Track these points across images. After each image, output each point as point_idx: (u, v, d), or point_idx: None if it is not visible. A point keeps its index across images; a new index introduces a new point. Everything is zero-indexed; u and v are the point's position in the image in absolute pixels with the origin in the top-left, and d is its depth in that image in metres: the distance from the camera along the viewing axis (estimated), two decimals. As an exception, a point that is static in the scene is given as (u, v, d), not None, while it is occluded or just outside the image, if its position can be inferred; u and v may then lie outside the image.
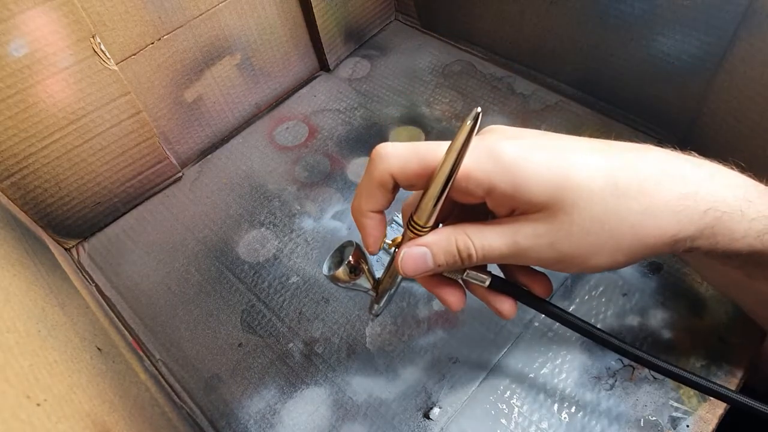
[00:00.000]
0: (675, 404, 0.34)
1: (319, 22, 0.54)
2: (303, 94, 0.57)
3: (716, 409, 0.33)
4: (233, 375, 0.38)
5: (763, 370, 0.36)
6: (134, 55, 0.44)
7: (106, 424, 0.25)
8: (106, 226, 0.48)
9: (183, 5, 0.45)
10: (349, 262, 0.30)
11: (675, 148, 0.27)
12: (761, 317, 0.34)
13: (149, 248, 0.46)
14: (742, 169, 0.27)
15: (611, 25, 0.45)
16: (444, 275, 0.29)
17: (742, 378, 0.34)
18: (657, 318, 0.37)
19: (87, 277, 0.45)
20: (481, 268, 0.29)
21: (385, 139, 0.51)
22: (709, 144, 0.44)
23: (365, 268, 0.31)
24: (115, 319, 0.42)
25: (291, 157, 0.51)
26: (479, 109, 0.23)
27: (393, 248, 0.29)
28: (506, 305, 0.29)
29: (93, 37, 0.39)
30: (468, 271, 0.28)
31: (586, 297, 0.39)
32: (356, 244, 0.31)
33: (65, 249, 0.47)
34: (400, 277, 0.31)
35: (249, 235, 0.46)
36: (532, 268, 0.30)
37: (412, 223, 0.27)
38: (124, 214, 0.49)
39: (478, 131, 0.24)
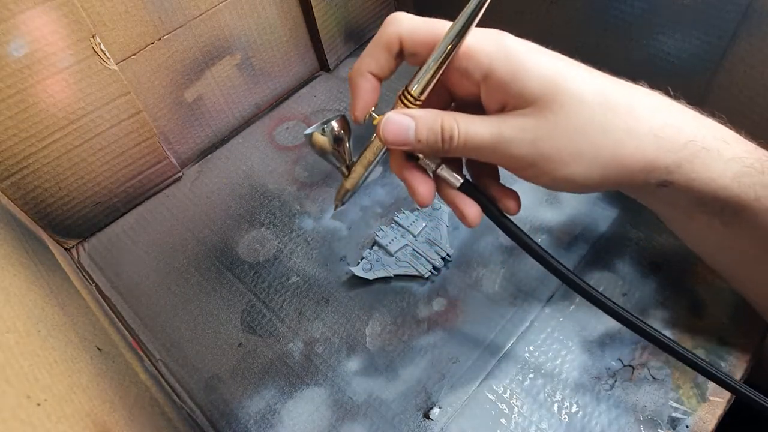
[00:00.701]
0: (674, 404, 0.34)
1: (319, 22, 0.54)
2: (303, 94, 0.57)
3: (715, 410, 0.33)
4: (233, 375, 0.38)
5: (766, 368, 0.36)
6: (134, 55, 0.44)
7: (107, 424, 0.26)
8: (106, 226, 0.48)
9: (183, 5, 0.45)
10: (332, 128, 0.29)
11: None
12: (742, 282, 0.33)
13: (149, 248, 0.46)
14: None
15: (611, 25, 0.45)
16: (419, 164, 0.29)
17: (742, 378, 0.34)
18: (657, 318, 0.37)
19: (87, 277, 0.45)
20: (456, 167, 0.29)
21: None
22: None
23: (346, 143, 0.30)
24: (115, 319, 0.42)
25: (291, 157, 0.51)
26: None
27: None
28: (472, 210, 0.29)
29: (93, 37, 0.39)
30: (443, 165, 0.28)
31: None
32: (344, 116, 0.30)
33: (65, 249, 0.47)
34: (378, 155, 0.30)
35: (249, 235, 0.46)
36: (500, 182, 0.30)
37: (405, 93, 0.26)
38: (124, 214, 0.49)
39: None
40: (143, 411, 0.32)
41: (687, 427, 0.33)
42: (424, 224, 0.44)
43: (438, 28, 0.26)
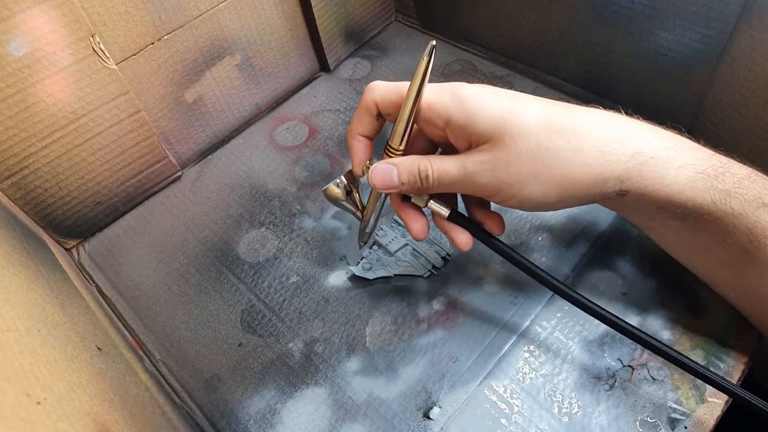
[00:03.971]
0: (673, 405, 0.34)
1: (319, 22, 0.54)
2: (303, 95, 0.57)
3: (714, 411, 0.33)
4: (233, 375, 0.38)
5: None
6: (134, 55, 0.44)
7: (106, 424, 0.26)
8: (106, 226, 0.48)
9: (183, 5, 0.45)
10: (342, 180, 0.35)
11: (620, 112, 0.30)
12: (722, 287, 0.34)
13: (149, 248, 0.46)
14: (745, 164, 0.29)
15: (611, 21, 0.45)
16: (412, 203, 0.34)
17: (740, 379, 0.34)
18: (657, 318, 0.37)
19: (87, 277, 0.45)
20: (445, 201, 0.33)
21: (385, 140, 0.51)
22: (712, 138, 0.43)
23: (355, 192, 0.36)
24: (116, 318, 0.42)
25: (291, 157, 0.51)
26: (434, 42, 0.28)
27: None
28: (463, 237, 0.33)
29: (93, 36, 0.39)
30: (432, 200, 0.33)
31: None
32: (350, 171, 0.35)
33: (65, 249, 0.47)
34: (380, 199, 0.35)
35: (249, 235, 0.46)
36: (488, 209, 0.34)
37: (387, 146, 0.32)
38: (124, 214, 0.49)
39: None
40: (143, 411, 0.32)
41: (686, 427, 0.33)
42: (424, 224, 0.44)
43: (403, 89, 0.30)
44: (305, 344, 0.39)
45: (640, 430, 0.33)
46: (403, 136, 0.31)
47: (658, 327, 0.37)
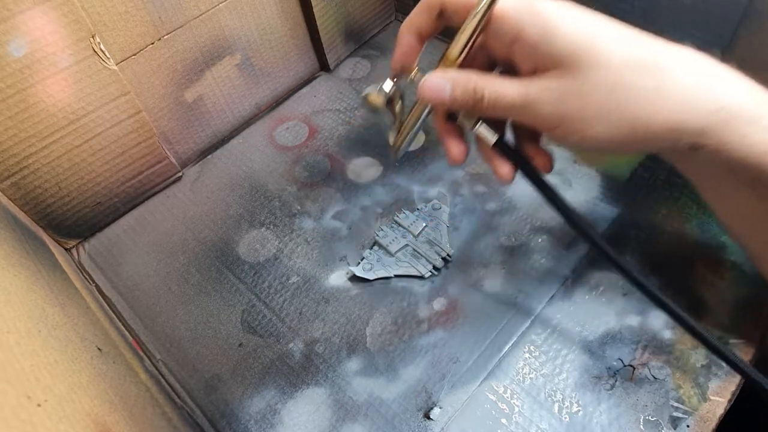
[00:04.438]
0: (675, 404, 0.34)
1: (319, 22, 0.54)
2: (303, 94, 0.57)
3: (716, 409, 0.33)
4: (233, 375, 0.38)
5: None
6: (134, 55, 0.44)
7: (107, 425, 0.25)
8: (106, 226, 0.48)
9: (183, 5, 0.45)
10: (385, 88, 0.32)
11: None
12: None
13: (149, 248, 0.46)
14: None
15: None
16: (458, 123, 0.31)
17: (742, 379, 0.34)
18: (657, 318, 0.37)
19: (87, 277, 0.45)
20: (494, 126, 0.30)
21: (385, 140, 0.51)
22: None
23: (396, 103, 0.32)
24: (116, 319, 0.42)
25: (291, 157, 0.51)
26: None
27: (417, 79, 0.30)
28: (505, 169, 0.30)
29: (93, 36, 0.39)
30: (482, 124, 0.30)
31: (587, 297, 0.39)
32: (396, 79, 0.32)
33: (65, 249, 0.47)
34: (423, 113, 0.32)
35: (249, 235, 0.46)
36: (539, 144, 0.31)
37: (445, 56, 0.29)
38: (124, 214, 0.49)
39: None
40: (143, 411, 0.32)
41: (688, 426, 0.33)
42: (424, 224, 0.44)
43: None
44: (305, 344, 0.39)
45: (642, 429, 0.33)
46: (465, 47, 0.28)
47: (658, 327, 0.37)
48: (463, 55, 0.28)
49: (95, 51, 0.39)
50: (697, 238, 0.41)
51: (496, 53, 0.29)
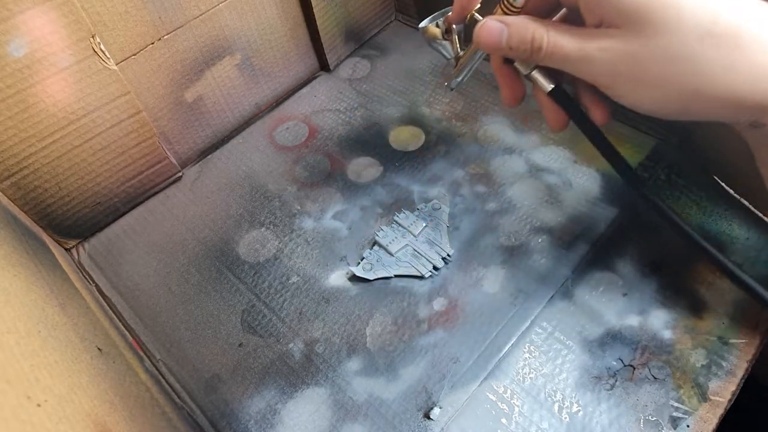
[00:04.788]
0: (675, 404, 0.34)
1: (319, 22, 0.54)
2: (303, 94, 0.57)
3: (716, 409, 0.33)
4: (233, 375, 0.38)
5: None
6: (134, 55, 0.44)
7: (107, 425, 0.25)
8: (106, 226, 0.48)
9: (183, 5, 0.45)
10: (443, 21, 0.31)
11: None
12: None
13: (149, 248, 0.46)
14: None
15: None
16: (515, 66, 0.30)
17: (743, 378, 0.34)
18: (657, 318, 0.37)
19: (87, 277, 0.45)
20: (552, 74, 0.29)
21: (385, 140, 0.51)
22: (711, 143, 0.44)
23: (454, 35, 0.32)
24: (116, 319, 0.42)
25: (291, 157, 0.51)
26: None
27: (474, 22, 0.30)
28: (559, 116, 0.29)
29: (93, 37, 0.39)
30: (538, 69, 0.29)
31: (587, 297, 0.39)
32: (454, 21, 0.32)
33: (65, 249, 0.47)
34: (479, 54, 0.32)
35: (249, 235, 0.46)
36: (598, 95, 0.29)
37: (505, 1, 0.28)
38: (124, 214, 0.49)
39: None
40: (143, 411, 0.32)
41: (688, 426, 0.33)
42: (424, 224, 0.44)
43: None
44: (306, 344, 0.39)
45: (642, 429, 0.33)
46: None
47: (659, 327, 0.37)
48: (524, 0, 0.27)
49: (95, 51, 0.39)
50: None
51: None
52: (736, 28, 0.23)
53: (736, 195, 0.42)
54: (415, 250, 0.42)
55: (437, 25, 0.32)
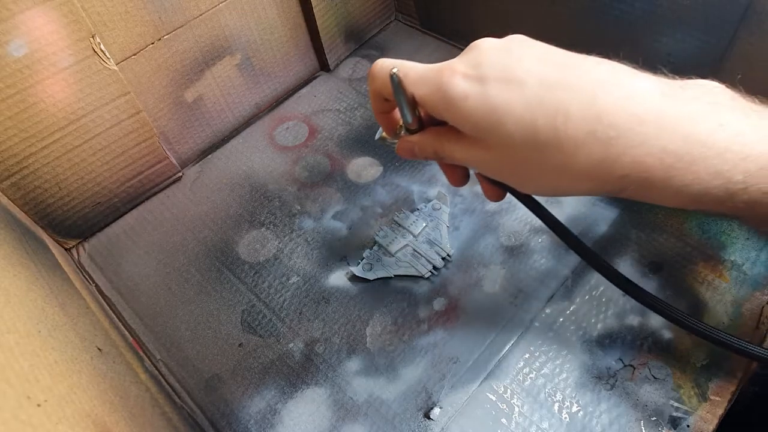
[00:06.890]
0: (675, 404, 0.34)
1: (319, 22, 0.54)
2: (303, 94, 0.57)
3: (716, 409, 0.33)
4: (234, 375, 0.38)
5: None
6: (134, 55, 0.44)
7: (107, 425, 0.25)
8: (106, 226, 0.48)
9: (183, 5, 0.45)
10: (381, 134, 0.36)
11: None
12: None
13: (149, 248, 0.46)
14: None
15: (611, 25, 0.45)
16: None
17: (742, 378, 0.34)
18: (657, 318, 0.37)
19: (87, 277, 0.45)
20: None
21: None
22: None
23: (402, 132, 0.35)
24: (116, 319, 0.42)
25: (291, 157, 0.51)
26: (395, 70, 0.29)
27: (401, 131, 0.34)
28: (493, 191, 0.33)
29: (93, 37, 0.39)
30: None
31: (587, 297, 0.39)
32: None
33: (65, 249, 0.47)
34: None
35: (249, 235, 0.46)
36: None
37: (404, 125, 0.33)
38: (124, 214, 0.49)
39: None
40: (143, 411, 0.32)
41: (688, 426, 0.33)
42: (424, 224, 0.44)
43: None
44: (306, 344, 0.39)
45: (642, 429, 0.33)
46: (410, 118, 0.31)
47: (658, 327, 0.37)
48: (414, 121, 0.31)
49: (95, 51, 0.39)
50: (697, 238, 0.41)
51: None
52: (555, 136, 0.26)
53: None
54: (415, 251, 0.42)
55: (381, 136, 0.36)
